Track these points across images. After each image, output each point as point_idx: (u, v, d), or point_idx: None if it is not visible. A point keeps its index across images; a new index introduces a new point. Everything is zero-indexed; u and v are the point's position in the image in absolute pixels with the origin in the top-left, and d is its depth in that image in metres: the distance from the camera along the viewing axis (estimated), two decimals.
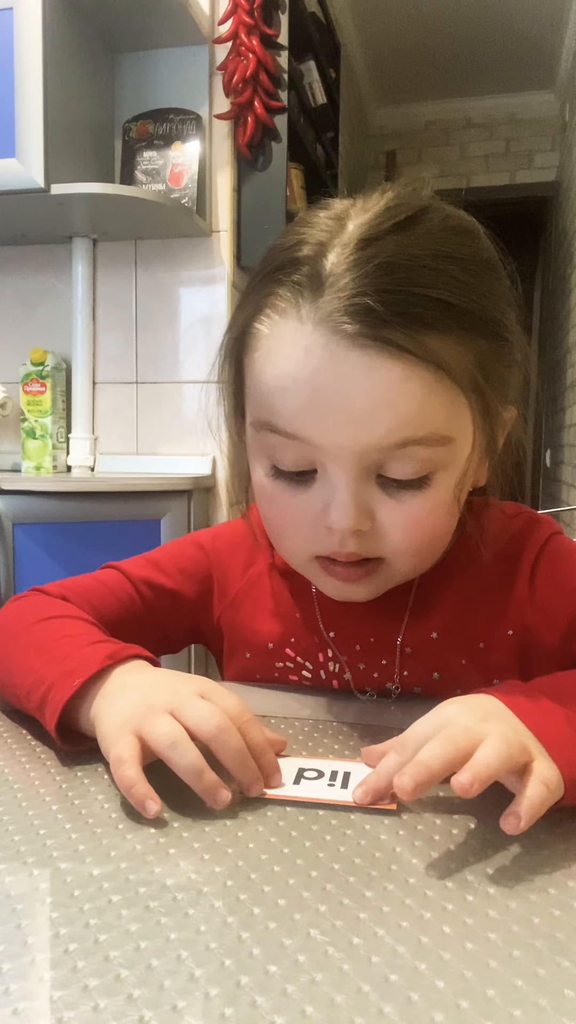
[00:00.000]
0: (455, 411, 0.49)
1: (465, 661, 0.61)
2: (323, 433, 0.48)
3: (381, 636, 0.62)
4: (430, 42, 3.48)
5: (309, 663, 0.64)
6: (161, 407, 1.89)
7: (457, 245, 0.49)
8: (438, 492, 0.51)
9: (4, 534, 1.52)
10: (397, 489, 0.50)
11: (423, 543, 0.53)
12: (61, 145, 1.61)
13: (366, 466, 0.49)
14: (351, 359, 0.46)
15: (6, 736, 0.52)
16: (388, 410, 0.47)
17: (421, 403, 0.47)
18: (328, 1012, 0.27)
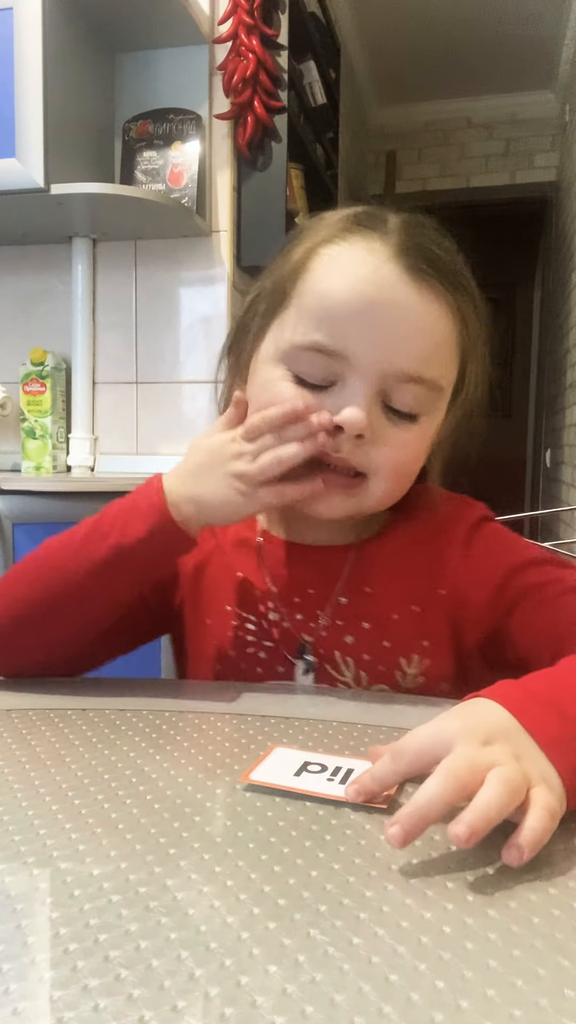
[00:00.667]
0: (451, 368, 0.62)
1: (397, 617, 0.66)
2: (363, 347, 0.57)
3: (319, 589, 0.67)
4: (430, 42, 3.48)
5: (252, 615, 0.68)
6: (161, 407, 1.89)
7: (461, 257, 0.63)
8: (421, 430, 0.61)
9: (4, 534, 1.52)
10: (393, 418, 0.60)
11: (400, 469, 0.61)
12: (61, 145, 1.61)
13: (380, 389, 0.58)
14: (407, 284, 0.58)
15: (6, 736, 0.52)
16: (421, 340, 0.58)
17: (440, 347, 0.60)
18: (328, 1012, 0.27)
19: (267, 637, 0.68)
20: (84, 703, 0.59)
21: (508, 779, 0.38)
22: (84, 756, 0.48)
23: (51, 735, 0.52)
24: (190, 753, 0.49)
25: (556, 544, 1.61)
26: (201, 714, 0.56)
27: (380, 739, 0.52)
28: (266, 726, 0.54)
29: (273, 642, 0.67)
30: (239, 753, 0.49)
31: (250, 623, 0.68)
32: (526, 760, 0.40)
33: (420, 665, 0.65)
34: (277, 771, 0.45)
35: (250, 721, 0.55)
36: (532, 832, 0.36)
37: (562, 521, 3.44)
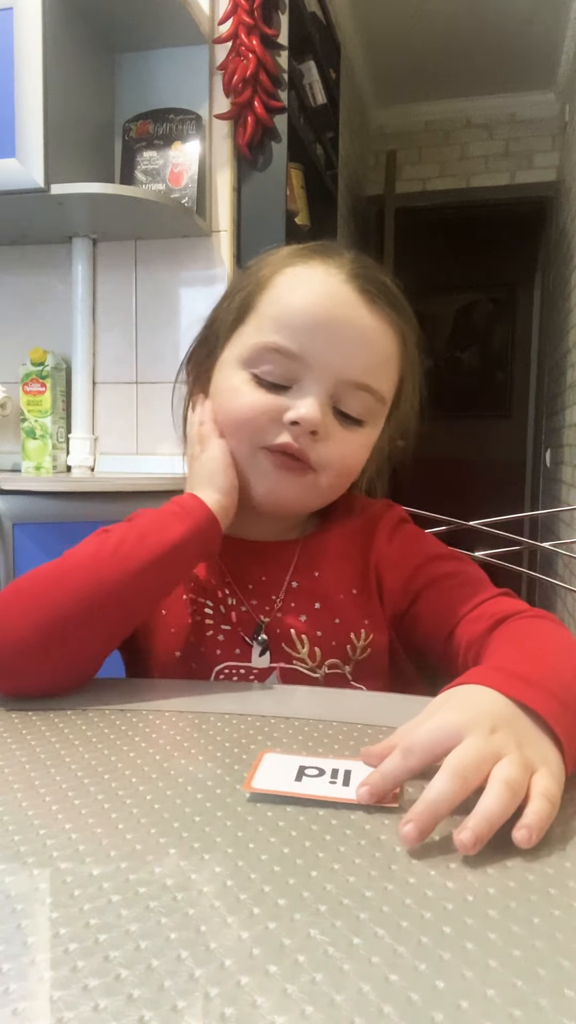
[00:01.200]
0: (392, 383, 0.70)
1: (343, 597, 0.72)
2: (321, 354, 0.64)
3: (271, 575, 0.73)
4: (430, 42, 3.48)
5: (210, 601, 0.72)
6: (161, 407, 1.89)
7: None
8: (366, 435, 0.69)
9: (4, 534, 1.52)
10: (344, 420, 0.67)
11: (346, 467, 0.69)
12: (61, 145, 1.61)
13: (334, 392, 0.65)
14: (358, 304, 0.66)
15: (6, 736, 0.52)
16: (371, 353, 0.66)
17: (385, 362, 0.68)
18: (328, 1012, 0.27)
19: (225, 621, 0.71)
20: (84, 703, 0.59)
21: (510, 780, 0.39)
22: (84, 756, 0.48)
23: (51, 735, 0.52)
24: (190, 753, 0.49)
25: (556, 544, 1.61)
26: (201, 714, 0.56)
27: (380, 737, 0.52)
28: (266, 726, 0.54)
29: (231, 624, 0.71)
30: (239, 753, 0.49)
31: (208, 608, 0.72)
32: (528, 747, 0.42)
33: (366, 639, 0.70)
34: (277, 778, 0.45)
35: (250, 721, 0.55)
36: (536, 815, 0.38)
37: (562, 521, 3.44)
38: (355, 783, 0.44)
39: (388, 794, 0.42)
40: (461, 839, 0.37)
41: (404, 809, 0.42)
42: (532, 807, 0.39)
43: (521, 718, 0.44)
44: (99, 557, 0.62)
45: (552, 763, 0.42)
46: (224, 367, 0.70)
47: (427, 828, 0.38)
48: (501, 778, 0.39)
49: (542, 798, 0.39)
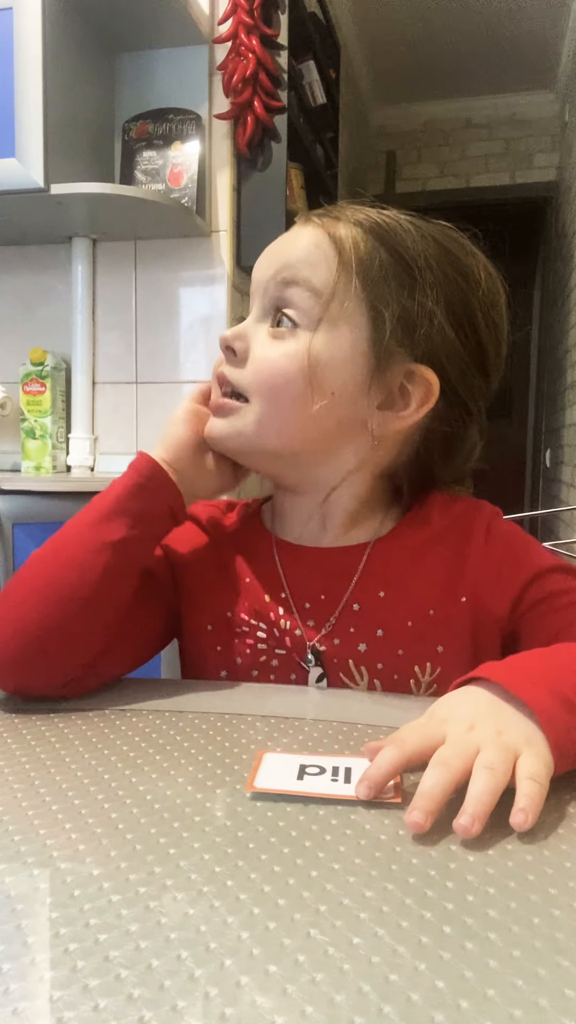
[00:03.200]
0: (335, 279, 0.60)
1: (411, 623, 0.64)
2: (257, 275, 0.64)
3: (331, 594, 0.66)
4: (430, 42, 3.48)
5: (263, 623, 0.67)
6: (161, 407, 1.89)
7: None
8: (298, 342, 0.60)
9: (4, 534, 1.52)
10: (277, 332, 0.61)
11: (268, 382, 0.61)
12: (61, 145, 1.61)
13: (268, 303, 0.63)
14: (295, 228, 0.64)
15: (6, 736, 0.52)
16: (292, 249, 0.62)
17: (312, 259, 0.61)
18: (328, 1012, 0.27)
19: (280, 645, 0.66)
20: (84, 703, 0.59)
21: (491, 765, 0.42)
22: (84, 756, 0.48)
23: (51, 735, 0.52)
24: (190, 753, 0.49)
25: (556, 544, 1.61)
26: (201, 714, 0.56)
27: (380, 737, 0.52)
28: (266, 726, 0.54)
29: (285, 650, 0.66)
30: (239, 753, 0.49)
31: (261, 631, 0.67)
32: (509, 731, 0.44)
33: (432, 674, 0.64)
34: (279, 777, 0.45)
35: (250, 721, 0.55)
36: (527, 798, 0.40)
37: (562, 521, 3.44)
38: (355, 780, 0.44)
39: (385, 784, 0.43)
40: (461, 823, 0.39)
41: (406, 804, 0.42)
42: (522, 790, 0.41)
43: (502, 709, 0.46)
44: (59, 533, 0.63)
45: (536, 742, 0.44)
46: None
47: (431, 811, 0.40)
48: (481, 764, 0.42)
49: (529, 780, 0.41)
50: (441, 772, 0.41)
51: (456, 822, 0.39)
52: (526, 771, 0.42)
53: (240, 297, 1.94)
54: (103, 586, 0.60)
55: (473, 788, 0.40)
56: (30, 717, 0.55)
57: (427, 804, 0.40)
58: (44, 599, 0.59)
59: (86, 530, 0.61)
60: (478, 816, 0.39)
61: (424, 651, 0.64)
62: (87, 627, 0.60)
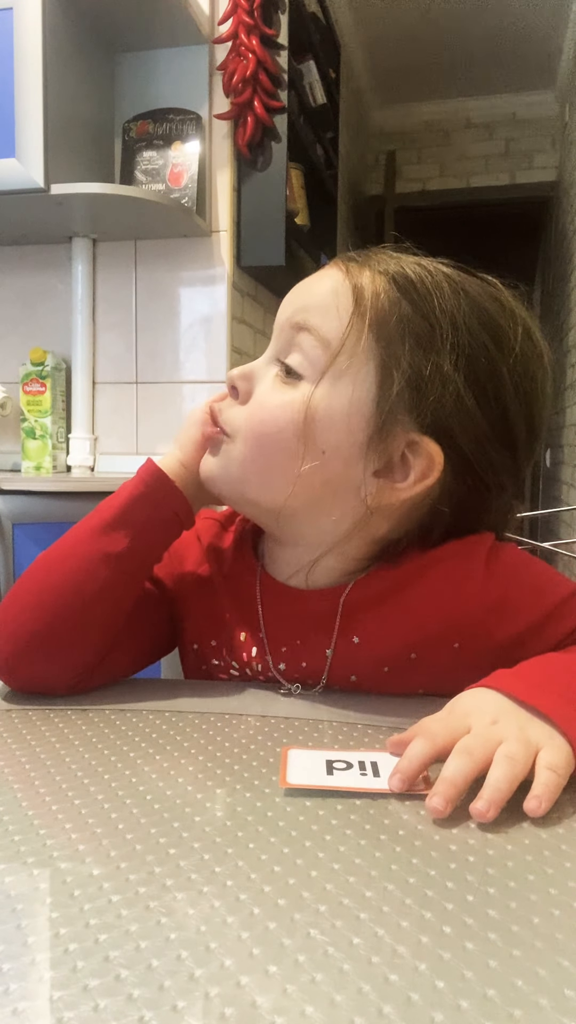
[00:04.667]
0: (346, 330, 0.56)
1: (388, 669, 0.60)
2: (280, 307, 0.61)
3: (309, 640, 0.62)
4: (430, 42, 3.48)
5: (236, 662, 0.66)
6: (161, 407, 1.89)
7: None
8: (295, 391, 0.57)
9: (4, 534, 1.52)
10: (282, 379, 0.58)
11: (257, 428, 0.58)
12: (61, 145, 1.61)
13: (281, 344, 0.59)
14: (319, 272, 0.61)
15: (6, 736, 0.52)
16: (309, 295, 0.59)
17: (323, 299, 0.57)
18: (328, 1012, 0.27)
19: (251, 678, 0.66)
20: (84, 703, 0.59)
21: (512, 755, 0.43)
22: (84, 756, 0.48)
23: (51, 735, 0.52)
24: (190, 753, 0.49)
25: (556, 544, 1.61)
26: (201, 714, 0.56)
27: (380, 738, 0.52)
28: (266, 726, 0.54)
29: (259, 682, 0.65)
30: (239, 753, 0.49)
31: (234, 669, 0.66)
32: (530, 728, 0.45)
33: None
34: (309, 773, 0.46)
35: (250, 721, 0.55)
36: (544, 787, 0.42)
37: (562, 521, 3.44)
38: (385, 773, 0.46)
39: (417, 777, 0.44)
40: (477, 807, 0.40)
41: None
42: (540, 779, 0.42)
43: (523, 711, 0.47)
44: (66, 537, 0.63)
45: (557, 740, 0.45)
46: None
47: (452, 797, 0.41)
48: (502, 753, 0.43)
49: (547, 770, 0.42)
50: (463, 760, 0.43)
51: (473, 806, 0.41)
52: (546, 761, 0.43)
53: (240, 297, 1.94)
54: (101, 598, 0.60)
55: (492, 775, 0.42)
56: (30, 717, 0.55)
57: (448, 791, 0.41)
58: (45, 607, 0.60)
59: (89, 539, 0.61)
60: (494, 802, 0.40)
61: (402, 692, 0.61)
62: (87, 636, 0.60)
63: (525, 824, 0.41)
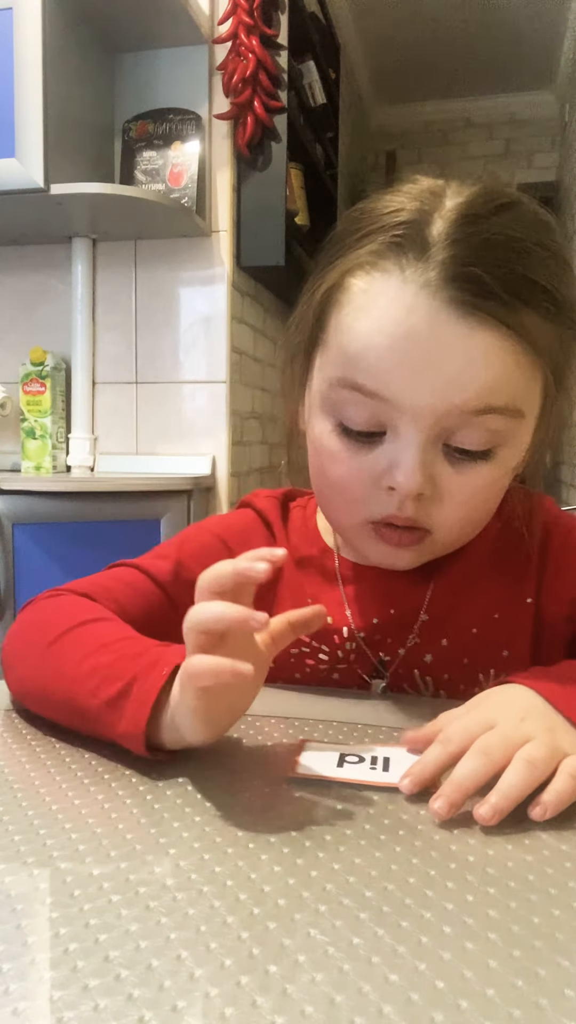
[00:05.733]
0: (532, 388, 0.51)
1: (476, 630, 0.62)
2: (405, 391, 0.49)
3: (403, 608, 0.63)
4: (430, 42, 3.48)
5: (326, 646, 0.64)
6: (161, 407, 1.89)
7: (550, 237, 0.51)
8: (498, 467, 0.52)
9: (4, 534, 1.52)
10: (460, 459, 0.52)
11: (473, 516, 0.55)
12: (61, 145, 1.61)
13: (439, 431, 0.50)
14: (451, 323, 0.48)
15: (6, 736, 0.52)
16: (478, 374, 0.48)
17: (509, 373, 0.49)
18: (328, 1012, 0.27)
19: (343, 662, 0.65)
20: None
21: (533, 759, 0.41)
22: (84, 756, 0.48)
23: (51, 735, 0.52)
24: (191, 753, 0.49)
25: None
26: None
27: (380, 740, 0.52)
28: (266, 726, 0.54)
29: (348, 664, 0.64)
30: (241, 753, 0.49)
31: (323, 653, 0.65)
32: (559, 732, 0.43)
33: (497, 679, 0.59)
34: (319, 764, 0.47)
35: (250, 721, 0.55)
36: (555, 794, 0.40)
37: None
38: (395, 769, 0.46)
39: (431, 782, 0.43)
40: (480, 813, 0.39)
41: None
42: (554, 784, 0.41)
43: (553, 712, 0.45)
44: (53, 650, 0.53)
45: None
46: (311, 405, 0.57)
47: (456, 802, 0.40)
48: (523, 757, 0.41)
49: (567, 775, 0.41)
50: (478, 762, 0.41)
51: (476, 810, 0.40)
52: (568, 767, 0.41)
53: (240, 297, 1.94)
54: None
55: (505, 780, 0.40)
56: (30, 717, 0.55)
57: (453, 794, 0.40)
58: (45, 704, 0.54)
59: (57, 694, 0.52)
60: (499, 811, 0.39)
61: (488, 657, 0.62)
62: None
63: (525, 824, 0.40)
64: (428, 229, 0.49)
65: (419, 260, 0.49)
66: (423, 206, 0.50)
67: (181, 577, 0.65)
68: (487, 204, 0.50)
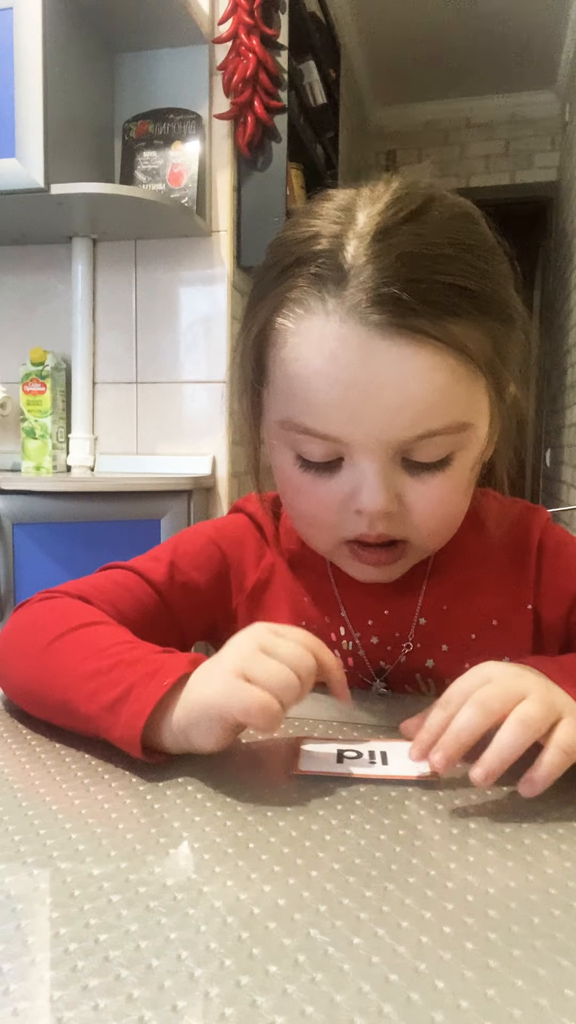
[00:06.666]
0: (475, 396, 0.51)
1: (475, 635, 0.63)
2: (353, 429, 0.50)
3: (397, 609, 0.64)
4: (430, 42, 3.48)
5: None
6: (161, 407, 1.89)
7: (467, 232, 0.51)
8: (458, 472, 0.53)
9: (4, 534, 1.52)
10: (420, 471, 0.52)
11: (445, 520, 0.56)
12: (61, 145, 1.61)
13: (393, 452, 0.51)
14: (380, 350, 0.48)
15: (6, 736, 0.52)
16: (416, 402, 0.49)
17: (445, 393, 0.49)
18: (328, 1012, 0.27)
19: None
20: None
21: (528, 718, 0.41)
22: (84, 756, 0.48)
23: (51, 735, 0.52)
24: (189, 753, 0.49)
25: None
26: None
27: (379, 738, 0.52)
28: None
29: (347, 668, 0.64)
30: (241, 753, 0.49)
31: None
32: (557, 692, 0.44)
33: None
34: (318, 761, 0.47)
35: None
36: (545, 768, 0.40)
37: (562, 521, 3.44)
38: (393, 762, 0.46)
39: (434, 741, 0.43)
40: (474, 775, 0.40)
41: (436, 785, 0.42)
42: (544, 758, 0.41)
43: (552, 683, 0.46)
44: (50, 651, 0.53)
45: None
46: (268, 428, 0.57)
47: (454, 756, 0.41)
48: (517, 716, 0.41)
49: (557, 749, 0.41)
50: (476, 713, 0.42)
51: (471, 773, 0.41)
52: (560, 740, 0.41)
53: (240, 297, 1.94)
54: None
55: (497, 739, 0.41)
56: (30, 717, 0.55)
57: (451, 747, 0.41)
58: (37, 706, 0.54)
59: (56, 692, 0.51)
60: (492, 773, 0.40)
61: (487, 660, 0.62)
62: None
63: (525, 824, 0.41)
64: (343, 255, 0.49)
65: (339, 289, 0.48)
66: (336, 228, 0.50)
67: (175, 580, 0.65)
68: (396, 214, 0.49)
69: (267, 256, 0.55)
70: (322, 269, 0.49)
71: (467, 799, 0.43)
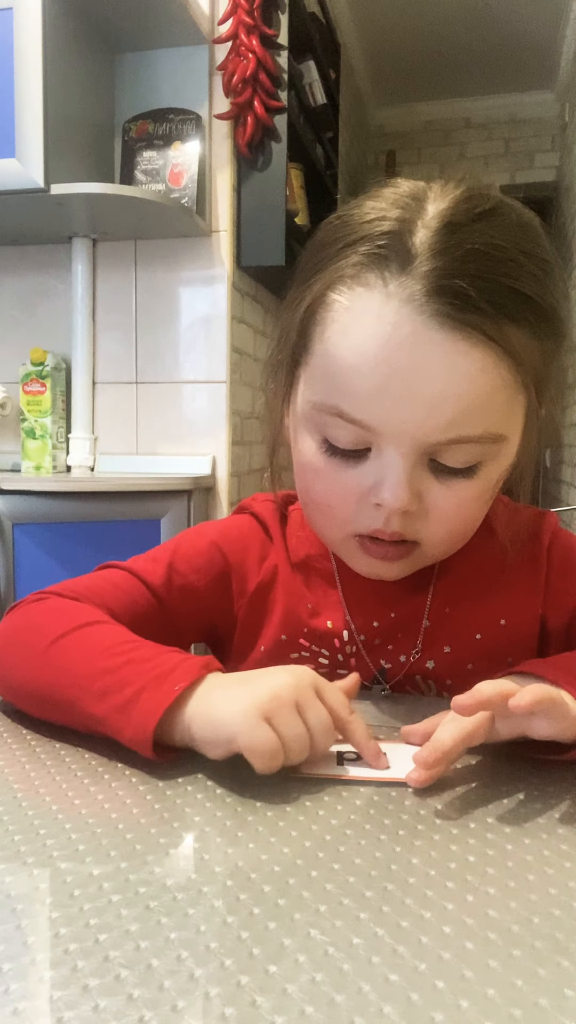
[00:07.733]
0: (514, 409, 0.51)
1: (480, 635, 0.63)
2: (388, 418, 0.49)
3: (403, 613, 0.64)
4: (430, 42, 3.48)
5: (325, 649, 0.64)
6: (161, 407, 1.89)
7: (534, 242, 0.50)
8: (482, 481, 0.52)
9: (4, 534, 1.52)
10: (446, 474, 0.51)
11: (460, 528, 0.55)
12: (61, 145, 1.61)
13: (423, 451, 0.50)
14: (434, 341, 0.47)
15: (6, 736, 0.52)
16: (457, 400, 0.48)
17: (488, 399, 0.48)
18: (328, 1012, 0.27)
19: (343, 667, 0.65)
20: None
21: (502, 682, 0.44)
22: (84, 756, 0.48)
23: (51, 735, 0.52)
24: (191, 753, 0.49)
25: None
26: None
27: (379, 737, 0.52)
28: None
29: (348, 669, 0.64)
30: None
31: (323, 657, 0.65)
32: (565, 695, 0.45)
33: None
34: (318, 763, 0.47)
35: None
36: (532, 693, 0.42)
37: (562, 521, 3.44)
38: (393, 764, 0.47)
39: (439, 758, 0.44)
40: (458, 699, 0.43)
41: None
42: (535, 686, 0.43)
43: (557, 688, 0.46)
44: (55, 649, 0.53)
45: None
46: (295, 417, 0.57)
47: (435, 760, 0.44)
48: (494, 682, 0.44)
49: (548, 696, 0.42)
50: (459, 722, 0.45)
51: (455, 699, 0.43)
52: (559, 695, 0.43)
53: (240, 297, 1.94)
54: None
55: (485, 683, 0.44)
56: (30, 717, 0.55)
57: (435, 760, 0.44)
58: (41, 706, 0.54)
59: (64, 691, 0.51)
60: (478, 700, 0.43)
61: (492, 665, 0.62)
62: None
63: (525, 824, 0.41)
64: (411, 239, 0.48)
65: (402, 272, 0.47)
66: (404, 214, 0.49)
67: (173, 582, 0.65)
68: (469, 211, 0.49)
69: (322, 233, 0.54)
70: (387, 250, 0.48)
71: (467, 800, 0.43)
